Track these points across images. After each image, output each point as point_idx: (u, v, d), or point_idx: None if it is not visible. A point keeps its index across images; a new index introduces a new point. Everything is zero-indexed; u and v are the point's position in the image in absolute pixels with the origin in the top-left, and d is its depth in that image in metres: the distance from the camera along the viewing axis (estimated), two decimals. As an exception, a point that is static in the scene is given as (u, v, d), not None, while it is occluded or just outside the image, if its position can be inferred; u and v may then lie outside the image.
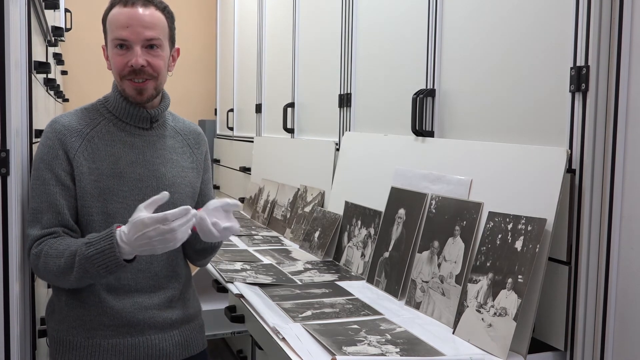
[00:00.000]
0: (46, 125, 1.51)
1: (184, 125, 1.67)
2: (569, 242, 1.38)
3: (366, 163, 2.25)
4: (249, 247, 2.56)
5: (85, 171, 1.46)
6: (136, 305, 1.50)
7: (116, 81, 1.53)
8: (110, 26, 1.49)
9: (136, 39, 1.47)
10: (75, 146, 1.47)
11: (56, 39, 3.05)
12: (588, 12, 1.33)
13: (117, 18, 1.48)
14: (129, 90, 1.50)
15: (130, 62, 1.47)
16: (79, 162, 1.46)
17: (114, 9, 1.50)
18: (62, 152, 1.46)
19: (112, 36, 1.49)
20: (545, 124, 1.48)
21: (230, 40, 4.43)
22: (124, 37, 1.46)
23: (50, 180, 1.45)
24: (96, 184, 1.46)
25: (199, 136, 1.69)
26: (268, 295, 1.79)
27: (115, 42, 1.48)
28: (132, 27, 1.46)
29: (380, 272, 1.92)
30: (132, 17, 1.47)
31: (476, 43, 1.72)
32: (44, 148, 1.47)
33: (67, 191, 1.46)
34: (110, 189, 1.47)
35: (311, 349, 1.36)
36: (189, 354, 1.60)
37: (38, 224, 1.43)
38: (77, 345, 1.48)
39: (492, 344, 1.36)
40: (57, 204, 1.44)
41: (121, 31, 1.47)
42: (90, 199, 1.46)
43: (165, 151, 1.57)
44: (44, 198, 1.44)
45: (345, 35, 2.49)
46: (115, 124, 1.53)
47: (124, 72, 1.48)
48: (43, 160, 1.46)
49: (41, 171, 1.46)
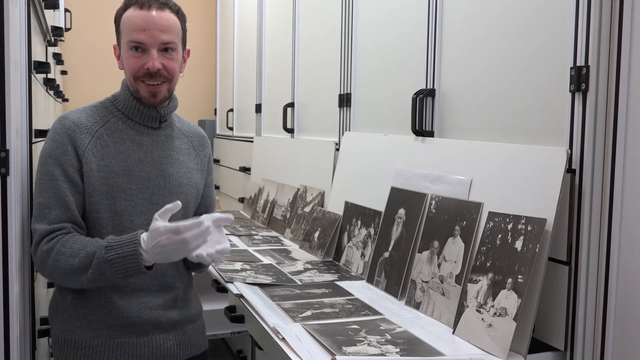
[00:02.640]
0: (55, 120, 1.51)
1: (189, 128, 1.69)
2: (569, 242, 1.38)
3: (366, 163, 2.25)
4: (248, 247, 2.56)
5: (94, 168, 1.46)
6: (142, 305, 1.51)
7: (129, 82, 1.53)
8: (126, 28, 1.49)
9: (152, 42, 1.47)
10: (84, 143, 1.47)
11: (56, 39, 3.05)
12: (588, 12, 1.33)
13: (133, 20, 1.48)
14: (144, 92, 1.51)
15: (146, 65, 1.47)
16: (88, 159, 1.46)
17: (129, 10, 1.49)
18: (71, 148, 1.46)
19: (127, 38, 1.49)
20: (545, 123, 1.48)
21: (230, 40, 4.43)
22: (140, 40, 1.47)
23: (59, 176, 1.44)
24: (105, 181, 1.47)
25: (203, 139, 1.71)
26: (268, 295, 1.79)
27: (131, 45, 1.48)
28: (148, 30, 1.47)
29: (380, 272, 1.92)
30: (149, 20, 1.47)
31: (476, 43, 1.72)
32: (53, 143, 1.47)
33: (76, 188, 1.46)
34: (119, 187, 1.48)
35: (311, 349, 1.36)
36: (191, 354, 1.61)
37: (45, 219, 1.43)
38: (83, 345, 1.48)
39: (492, 344, 1.36)
40: (66, 200, 1.44)
41: (138, 34, 1.47)
42: (99, 196, 1.46)
43: (172, 151, 1.58)
44: (52, 193, 1.44)
45: (345, 35, 2.49)
46: (124, 122, 1.54)
47: (139, 74, 1.49)
48: (51, 155, 1.46)
49: (49, 166, 1.45)
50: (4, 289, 1.33)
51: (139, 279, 1.49)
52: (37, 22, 2.21)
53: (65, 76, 4.68)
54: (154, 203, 1.50)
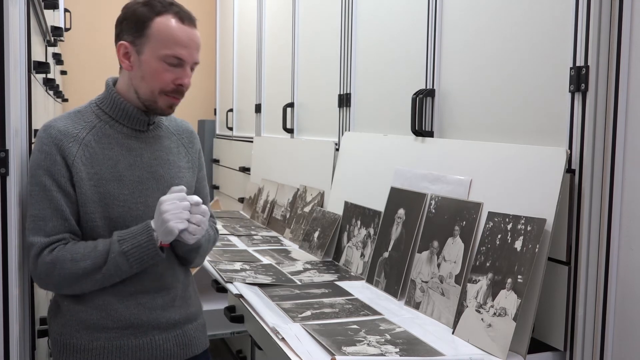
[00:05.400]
0: (39, 129, 1.47)
1: (176, 125, 1.67)
2: (569, 242, 1.38)
3: (366, 163, 2.25)
4: (248, 247, 2.56)
5: (84, 177, 1.44)
6: (140, 306, 1.50)
7: (147, 92, 1.48)
8: (163, 38, 1.44)
9: (190, 60, 1.47)
10: (72, 152, 1.44)
11: (55, 39, 3.05)
12: (588, 12, 1.33)
13: (176, 34, 1.45)
14: (163, 104, 1.49)
15: (179, 80, 1.47)
16: (77, 168, 1.44)
17: (165, 19, 1.45)
18: (60, 158, 1.43)
19: (166, 50, 1.44)
20: (545, 124, 1.48)
21: (230, 40, 4.43)
22: (183, 56, 1.45)
23: (51, 187, 1.42)
24: (96, 189, 1.45)
25: (191, 135, 1.69)
26: (267, 296, 1.79)
27: (169, 58, 1.45)
28: (189, 48, 1.46)
29: (380, 272, 1.92)
30: (191, 37, 1.46)
31: (476, 43, 1.72)
32: (40, 154, 1.43)
33: (69, 197, 1.44)
34: (111, 193, 1.46)
35: (311, 349, 1.36)
36: (192, 354, 1.60)
37: (41, 231, 1.41)
38: (81, 349, 1.48)
39: (492, 344, 1.36)
40: (62, 210, 1.42)
41: (181, 49, 1.45)
42: (92, 205, 1.44)
43: (162, 152, 1.57)
44: (46, 204, 1.42)
45: (344, 35, 2.49)
46: (111, 126, 1.51)
47: (168, 88, 1.47)
48: (40, 166, 1.43)
49: (40, 177, 1.42)
50: (4, 289, 1.33)
51: (137, 281, 1.49)
52: (37, 22, 2.21)
53: (65, 76, 4.68)
54: (148, 206, 1.49)
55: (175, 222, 1.39)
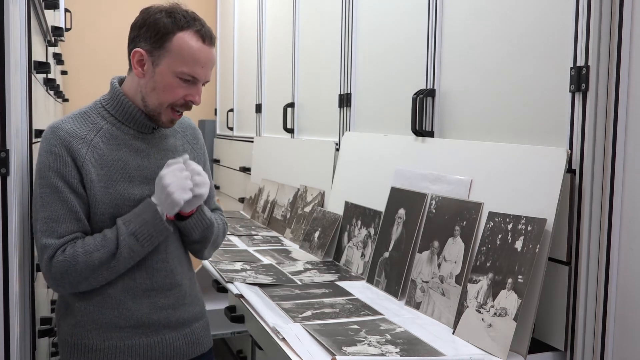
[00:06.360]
0: (46, 131, 1.46)
1: (180, 122, 1.66)
2: (569, 242, 1.38)
3: (366, 163, 2.25)
4: (248, 247, 2.56)
5: (94, 179, 1.44)
6: (152, 305, 1.51)
7: (155, 103, 1.48)
8: (182, 54, 1.44)
9: (203, 78, 1.48)
10: (82, 154, 1.43)
11: (56, 39, 3.05)
12: (588, 12, 1.33)
13: (196, 53, 1.44)
14: (166, 118, 1.50)
15: (189, 97, 1.47)
16: (87, 170, 1.43)
17: (187, 35, 1.44)
18: (70, 160, 1.42)
19: (183, 67, 1.44)
20: (545, 124, 1.48)
21: (231, 41, 4.43)
22: (198, 75, 1.46)
23: (63, 188, 1.41)
24: (106, 191, 1.45)
25: (195, 131, 1.70)
26: (268, 296, 1.79)
27: (185, 75, 1.45)
28: (206, 67, 1.47)
29: (380, 272, 1.92)
30: (209, 57, 1.47)
31: (476, 43, 1.72)
32: (50, 156, 1.42)
33: (82, 198, 1.43)
34: (121, 194, 1.46)
35: (311, 349, 1.36)
36: (199, 352, 1.62)
37: (54, 232, 1.41)
38: (93, 349, 1.48)
39: (492, 344, 1.36)
40: (76, 211, 1.42)
41: (198, 69, 1.45)
42: (102, 206, 1.45)
43: (168, 152, 1.58)
44: (59, 206, 1.41)
45: (345, 35, 2.49)
46: (117, 127, 1.50)
47: (178, 103, 1.48)
48: (50, 168, 1.41)
49: (51, 179, 1.41)
50: (4, 289, 1.33)
51: (148, 278, 1.50)
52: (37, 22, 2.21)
53: (66, 76, 4.68)
54: None
55: (180, 193, 1.41)
